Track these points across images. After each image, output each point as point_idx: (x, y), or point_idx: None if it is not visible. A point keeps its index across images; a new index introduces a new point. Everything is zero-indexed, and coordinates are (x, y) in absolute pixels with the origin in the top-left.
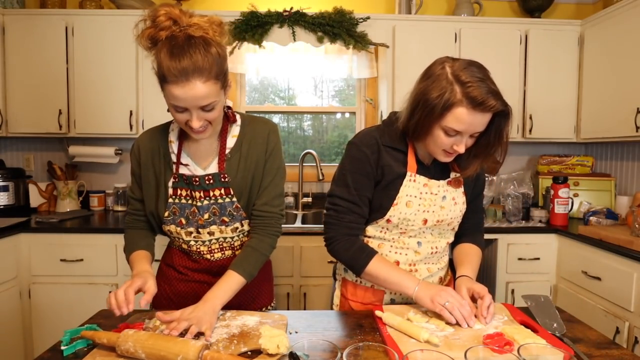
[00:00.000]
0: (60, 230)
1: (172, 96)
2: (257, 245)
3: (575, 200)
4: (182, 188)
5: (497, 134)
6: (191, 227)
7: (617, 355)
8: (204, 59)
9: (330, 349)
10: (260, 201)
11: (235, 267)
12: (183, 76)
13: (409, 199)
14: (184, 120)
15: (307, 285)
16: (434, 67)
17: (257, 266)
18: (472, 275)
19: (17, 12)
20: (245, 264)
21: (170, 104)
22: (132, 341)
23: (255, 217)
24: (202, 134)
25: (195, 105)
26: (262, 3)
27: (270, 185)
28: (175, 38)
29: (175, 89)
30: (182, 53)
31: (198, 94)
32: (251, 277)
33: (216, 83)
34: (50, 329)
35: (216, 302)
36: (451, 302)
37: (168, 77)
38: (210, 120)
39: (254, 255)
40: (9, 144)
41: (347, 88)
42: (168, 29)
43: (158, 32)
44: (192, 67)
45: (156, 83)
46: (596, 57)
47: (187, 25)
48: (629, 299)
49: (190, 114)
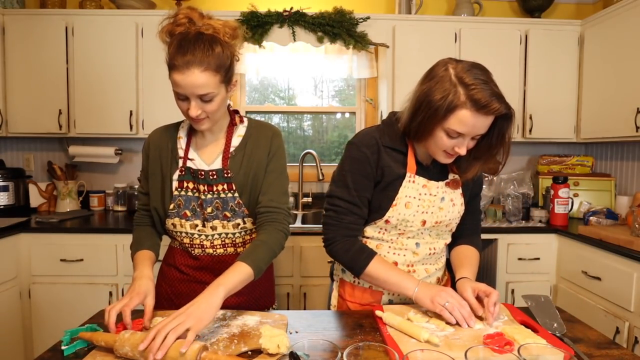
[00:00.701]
0: (60, 230)
1: (174, 82)
2: (265, 239)
3: (575, 200)
4: (189, 181)
5: (500, 136)
6: (197, 220)
7: (617, 355)
8: (206, 51)
9: (331, 349)
10: (266, 197)
11: (244, 259)
12: (184, 64)
13: (408, 200)
14: (185, 109)
15: (307, 285)
16: (437, 68)
17: (266, 260)
18: (472, 277)
19: (17, 12)
20: (253, 256)
21: (174, 91)
22: (128, 345)
23: (262, 213)
24: (201, 124)
25: (193, 92)
26: (262, 3)
27: (274, 182)
28: (187, 33)
29: (177, 75)
30: (188, 44)
31: (195, 81)
32: (259, 270)
33: (215, 75)
34: (50, 329)
35: (218, 292)
36: (451, 302)
37: (171, 65)
38: (209, 112)
39: (262, 248)
40: (9, 144)
41: (347, 88)
42: (183, 25)
43: (175, 27)
44: (192, 56)
45: (156, 83)
46: (596, 57)
47: (201, 25)
48: (629, 299)
49: (189, 102)
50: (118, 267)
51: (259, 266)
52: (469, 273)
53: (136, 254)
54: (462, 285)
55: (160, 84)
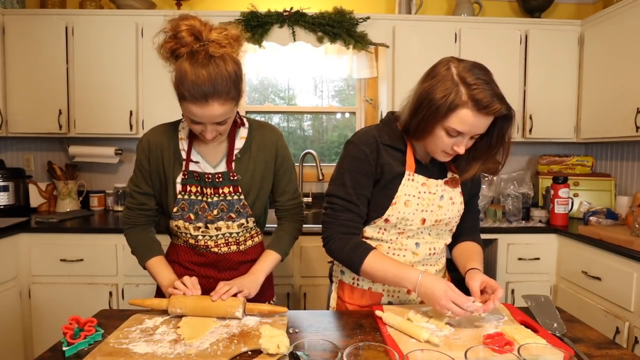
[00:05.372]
0: (60, 230)
1: (190, 113)
2: (288, 229)
3: (575, 200)
4: (192, 184)
5: (500, 137)
6: (200, 223)
7: (617, 355)
8: (223, 82)
9: (331, 349)
10: (284, 198)
11: (272, 247)
12: (202, 98)
13: (408, 198)
14: (199, 131)
15: (307, 285)
16: (438, 67)
17: (290, 246)
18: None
19: (17, 12)
20: (281, 244)
21: (187, 116)
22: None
23: (283, 210)
24: (213, 141)
25: (211, 122)
26: (262, 3)
27: (288, 184)
28: (197, 57)
29: (194, 109)
30: (203, 75)
31: (215, 113)
32: (286, 255)
33: (232, 102)
34: (50, 329)
35: (260, 275)
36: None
37: (188, 97)
38: (222, 131)
39: (287, 237)
40: (9, 144)
41: (347, 88)
42: (189, 45)
43: (179, 48)
44: (212, 90)
45: (156, 83)
46: (596, 57)
47: (207, 40)
48: (629, 299)
49: (205, 126)
50: (118, 267)
51: (285, 251)
52: (478, 265)
53: (150, 261)
54: (472, 275)
55: (160, 84)
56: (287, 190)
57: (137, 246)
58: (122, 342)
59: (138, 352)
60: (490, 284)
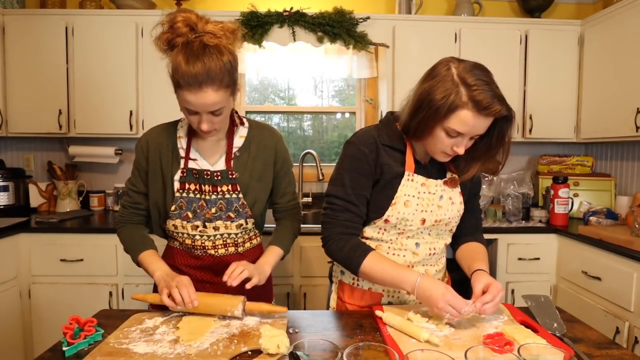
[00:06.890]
0: (60, 230)
1: (185, 101)
2: (290, 226)
3: (575, 200)
4: (191, 182)
5: (499, 138)
6: (198, 221)
7: (617, 355)
8: (217, 69)
9: (331, 349)
10: (284, 199)
11: (276, 243)
12: (196, 84)
13: (407, 199)
14: (196, 122)
15: (307, 285)
16: (439, 67)
17: (291, 243)
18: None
19: (17, 12)
20: (284, 240)
21: (183, 106)
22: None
23: (283, 210)
24: (210, 135)
25: (205, 110)
26: (262, 3)
27: (288, 186)
28: (191, 45)
29: (189, 95)
30: (197, 62)
31: (209, 101)
32: (288, 250)
33: (226, 91)
34: (50, 329)
35: (266, 267)
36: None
37: (182, 84)
38: (219, 123)
39: (288, 234)
40: (9, 144)
41: (347, 88)
42: (184, 35)
43: (175, 38)
44: (206, 76)
45: (156, 83)
46: (596, 57)
47: (202, 31)
48: (629, 299)
49: (200, 116)
50: (118, 267)
51: (287, 247)
52: (483, 266)
53: (142, 254)
54: (477, 277)
55: (160, 84)
56: (287, 192)
57: (129, 242)
58: (122, 342)
59: (138, 352)
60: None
